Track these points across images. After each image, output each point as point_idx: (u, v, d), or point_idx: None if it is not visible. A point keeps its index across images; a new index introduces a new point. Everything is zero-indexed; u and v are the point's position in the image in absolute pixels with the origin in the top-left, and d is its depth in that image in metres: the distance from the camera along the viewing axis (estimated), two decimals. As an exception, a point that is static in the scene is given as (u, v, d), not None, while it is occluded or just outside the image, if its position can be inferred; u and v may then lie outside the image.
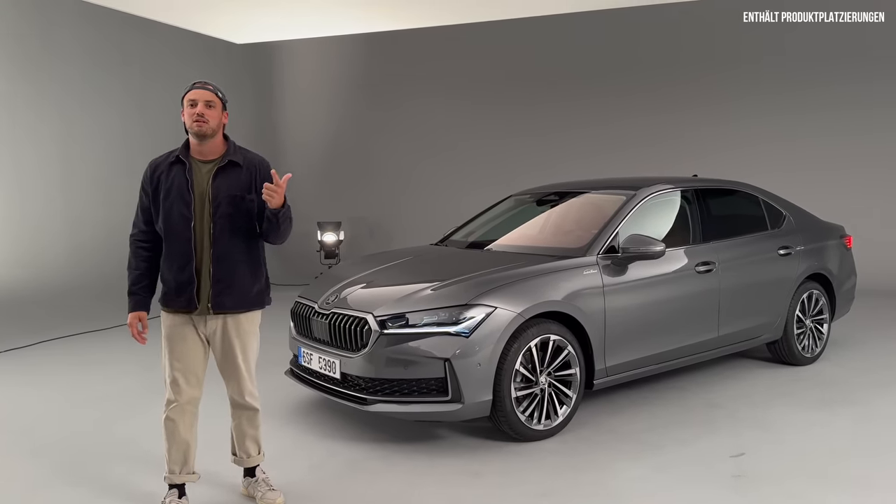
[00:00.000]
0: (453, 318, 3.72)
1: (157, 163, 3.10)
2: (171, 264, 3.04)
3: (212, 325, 3.08)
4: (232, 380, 3.15)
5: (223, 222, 3.00)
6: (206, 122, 2.95)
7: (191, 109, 2.96)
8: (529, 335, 3.84)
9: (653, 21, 10.07)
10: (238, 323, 3.09)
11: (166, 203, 3.02)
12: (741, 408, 4.48)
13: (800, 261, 5.42)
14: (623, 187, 4.97)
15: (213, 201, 3.00)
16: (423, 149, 11.39)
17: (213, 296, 3.01)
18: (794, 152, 9.47)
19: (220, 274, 3.01)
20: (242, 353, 3.12)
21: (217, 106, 3.00)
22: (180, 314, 3.06)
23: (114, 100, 9.43)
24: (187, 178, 3.01)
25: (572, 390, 4.04)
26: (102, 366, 5.97)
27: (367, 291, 4.10)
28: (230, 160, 3.05)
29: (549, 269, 4.10)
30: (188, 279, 3.00)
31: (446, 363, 3.64)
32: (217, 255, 3.00)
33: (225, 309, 3.04)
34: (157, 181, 3.05)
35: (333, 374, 3.96)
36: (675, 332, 4.60)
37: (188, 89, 3.01)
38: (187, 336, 3.07)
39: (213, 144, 3.04)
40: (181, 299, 3.02)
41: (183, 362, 3.06)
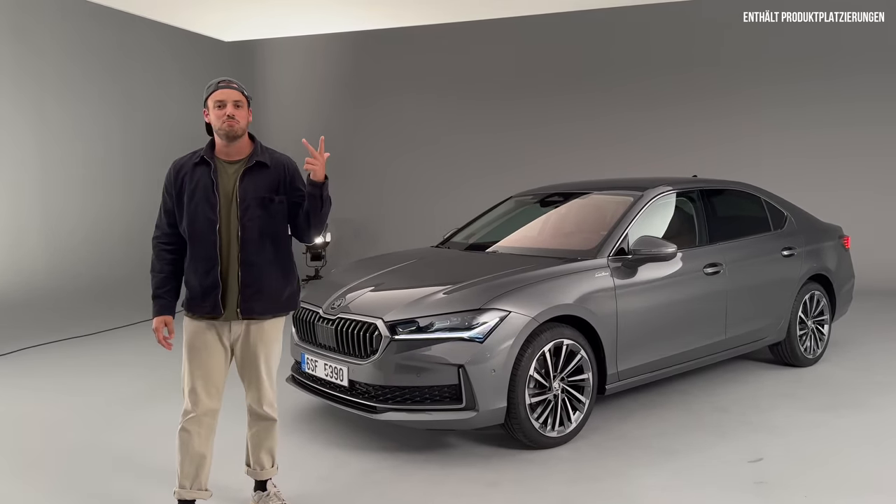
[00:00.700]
0: (466, 322, 3.62)
1: (180, 163, 2.98)
2: (195, 268, 2.92)
3: (236, 331, 2.97)
4: (252, 387, 3.05)
5: (251, 225, 2.90)
6: (236, 123, 2.86)
7: (219, 111, 2.86)
8: (543, 340, 3.75)
9: (645, 21, 10.05)
10: (262, 329, 2.99)
11: (191, 205, 2.90)
12: (748, 411, 4.44)
13: (802, 262, 5.40)
14: (628, 188, 4.90)
15: (240, 203, 2.90)
16: (410, 149, 11.27)
17: (242, 301, 2.91)
18: (789, 152, 9.48)
19: (248, 279, 2.91)
20: (266, 360, 3.02)
21: (244, 105, 2.90)
22: (204, 320, 2.94)
23: (94, 97, 9.15)
24: (213, 179, 2.90)
25: (585, 396, 3.96)
26: (103, 369, 5.79)
27: (375, 296, 3.98)
28: (258, 161, 2.95)
29: (560, 271, 4.02)
30: (213, 283, 2.89)
31: (460, 370, 3.54)
32: (245, 259, 2.90)
33: (254, 314, 2.94)
34: (182, 182, 2.93)
35: (341, 382, 3.84)
36: (685, 335, 4.54)
37: (213, 89, 2.90)
38: (210, 343, 2.95)
39: (240, 145, 2.94)
40: (206, 304, 2.91)
41: (204, 371, 2.94)
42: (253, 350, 2.99)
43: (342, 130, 11.62)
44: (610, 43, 10.25)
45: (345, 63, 11.58)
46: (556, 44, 10.49)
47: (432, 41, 11.07)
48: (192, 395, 2.93)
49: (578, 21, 10.38)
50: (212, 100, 2.89)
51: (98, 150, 9.13)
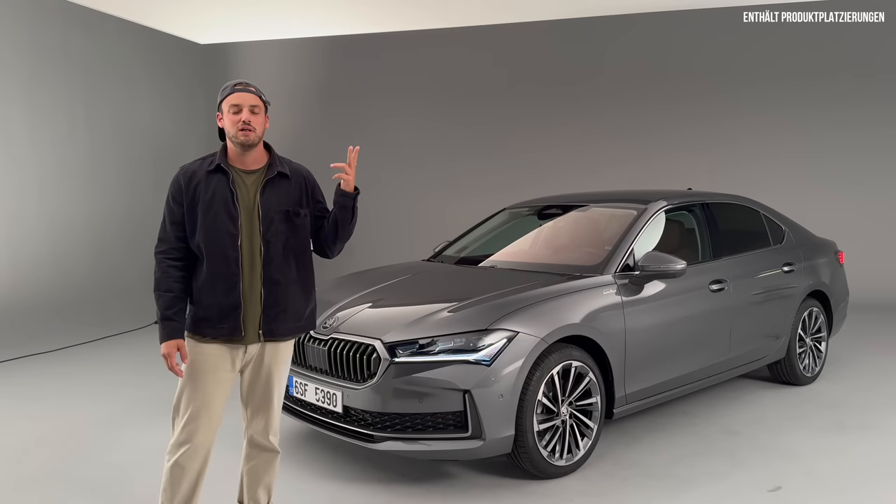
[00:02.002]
0: (471, 344, 3.36)
1: (191, 170, 2.69)
2: (213, 286, 2.63)
3: (251, 353, 2.72)
4: (260, 415, 2.79)
5: (276, 240, 2.67)
6: (252, 131, 2.62)
7: (233, 116, 2.61)
8: (551, 362, 3.51)
9: (635, 30, 9.95)
10: (277, 351, 2.76)
11: (207, 217, 2.62)
12: (759, 434, 4.25)
13: (802, 278, 5.26)
14: (628, 201, 4.71)
15: (262, 217, 2.65)
16: (390, 157, 10.99)
17: (265, 322, 2.66)
18: (779, 164, 9.42)
19: (272, 298, 2.67)
20: (279, 384, 2.80)
21: (261, 111, 2.66)
22: (216, 343, 2.66)
23: (59, 97, 8.62)
24: (232, 189, 2.63)
25: (593, 421, 3.72)
26: (70, 388, 5.37)
27: (371, 314, 3.70)
28: (279, 171, 2.71)
29: (567, 289, 3.78)
30: (235, 303, 2.62)
31: (466, 395, 3.27)
32: (269, 277, 2.66)
33: (276, 336, 2.71)
34: (195, 192, 2.65)
35: (334, 408, 3.54)
36: (692, 354, 4.35)
37: (228, 91, 2.65)
38: (219, 369, 2.67)
39: (256, 154, 2.70)
40: (224, 327, 2.63)
41: (207, 400, 2.65)
42: (266, 373, 2.76)
43: (320, 137, 11.29)
44: (599, 52, 10.12)
45: (325, 68, 11.25)
46: (542, 52, 10.33)
47: (411, 47, 10.83)
48: (189, 426, 2.63)
49: (566, 29, 10.24)
50: (226, 103, 2.64)
51: (61, 154, 8.62)
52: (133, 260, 9.13)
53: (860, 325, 7.26)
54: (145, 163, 9.67)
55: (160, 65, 10.18)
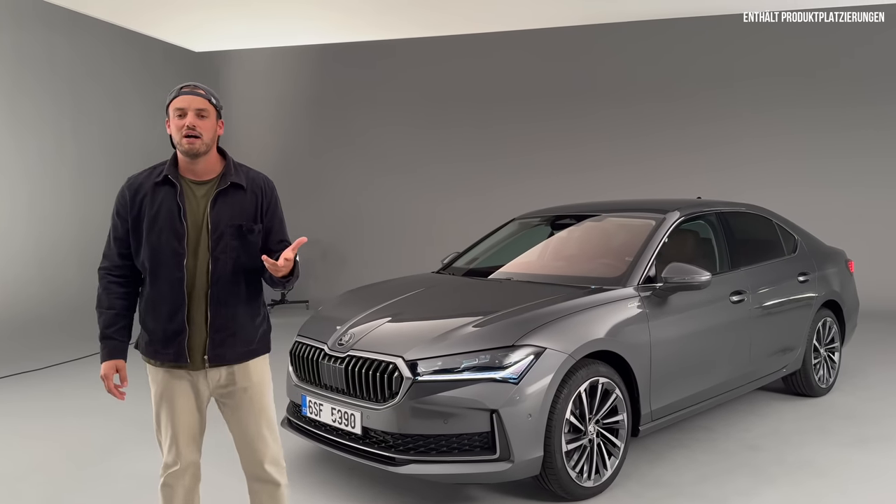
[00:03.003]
0: (497, 361, 3.21)
1: (137, 183, 2.48)
2: (156, 309, 2.45)
3: (213, 378, 2.51)
4: (246, 445, 2.57)
5: (225, 258, 2.44)
6: (197, 138, 2.38)
7: (179, 120, 2.39)
8: (579, 378, 3.37)
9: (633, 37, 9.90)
10: (247, 372, 2.55)
11: (152, 235, 2.42)
12: (782, 449, 4.14)
13: (816, 287, 5.18)
14: (644, 210, 4.60)
15: (212, 232, 2.43)
16: (382, 167, 10.84)
17: (211, 347, 2.45)
18: (783, 170, 9.36)
19: (219, 321, 2.45)
20: (261, 409, 2.57)
21: (211, 115, 2.42)
22: (167, 367, 2.49)
23: (44, 105, 8.30)
24: (179, 203, 2.42)
25: (619, 439, 3.59)
26: (49, 412, 5.15)
27: (390, 331, 3.54)
28: (232, 182, 2.48)
29: (592, 302, 3.65)
30: (178, 328, 2.42)
31: (493, 415, 3.13)
32: (216, 298, 2.44)
33: (224, 362, 2.49)
34: (140, 206, 2.44)
35: (352, 429, 3.38)
36: (715, 368, 4.24)
37: (174, 95, 2.42)
38: (180, 393, 2.50)
39: (207, 162, 2.47)
40: (168, 352, 2.45)
41: (180, 422, 2.50)
42: (241, 399, 2.55)
43: (313, 146, 11.12)
44: (592, 59, 10.05)
45: (319, 76, 11.07)
46: (539, 61, 10.24)
47: (404, 55, 10.70)
48: (172, 449, 2.51)
49: (557, 37, 10.17)
50: (172, 107, 2.43)
51: (47, 164, 8.35)
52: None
53: (867, 333, 7.20)
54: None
55: (151, 73, 9.87)
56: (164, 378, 2.50)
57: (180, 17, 9.16)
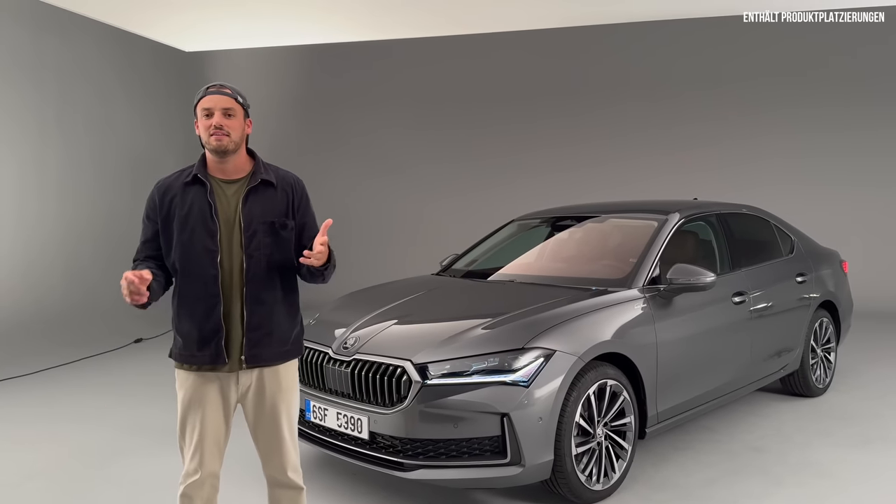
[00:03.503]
0: (507, 364, 3.18)
1: (166, 184, 2.49)
2: (191, 309, 2.43)
3: (244, 382, 2.49)
4: (272, 452, 2.54)
5: (259, 255, 2.43)
6: (226, 136, 2.40)
7: (206, 120, 2.40)
8: (588, 381, 3.34)
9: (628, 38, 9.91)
10: (277, 376, 2.52)
11: (184, 233, 2.41)
12: (786, 450, 4.14)
13: (814, 288, 5.20)
14: (644, 211, 4.59)
15: (245, 230, 2.42)
16: (373, 168, 10.77)
17: (247, 347, 2.43)
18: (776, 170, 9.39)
19: (255, 320, 2.43)
20: (287, 415, 2.54)
21: (238, 114, 2.44)
22: (202, 372, 2.45)
23: (33, 107, 8.04)
24: (210, 201, 2.41)
25: (627, 442, 3.57)
26: (47, 415, 5.03)
27: (396, 334, 3.49)
28: (263, 179, 2.48)
29: (599, 304, 3.63)
30: (215, 327, 2.40)
31: (504, 418, 3.09)
32: (251, 296, 2.43)
33: (261, 362, 2.46)
34: (170, 207, 2.44)
35: (359, 434, 3.32)
36: (718, 369, 4.23)
37: (201, 95, 2.43)
38: (210, 399, 2.46)
39: (236, 161, 2.47)
40: (205, 353, 2.41)
41: (206, 430, 2.45)
42: (271, 404, 2.52)
43: (301, 147, 11.02)
44: (589, 61, 10.03)
45: (308, 77, 10.97)
46: (530, 62, 10.22)
47: (398, 57, 10.64)
48: (195, 458, 2.46)
49: (551, 38, 10.17)
50: (199, 108, 2.44)
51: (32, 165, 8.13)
52: (109, 278, 8.67)
53: (857, 332, 7.25)
54: (122, 177, 9.17)
55: (140, 73, 9.68)
56: (194, 383, 2.46)
57: (172, 16, 9.03)
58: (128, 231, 9.07)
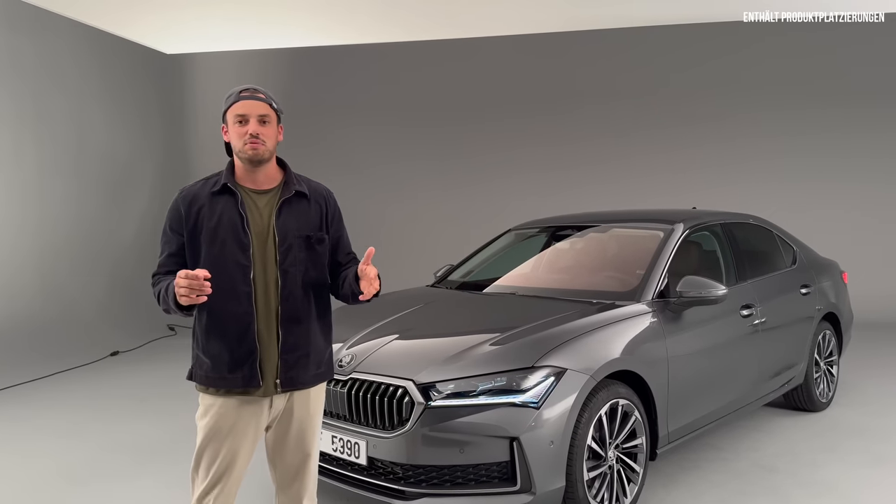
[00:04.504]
0: (515, 383, 2.98)
1: (192, 193, 2.28)
2: (222, 330, 2.23)
3: (278, 406, 2.31)
4: (292, 479, 2.38)
5: (294, 271, 2.27)
6: (262, 144, 2.22)
7: (240, 128, 2.22)
8: (599, 401, 3.15)
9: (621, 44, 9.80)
10: (308, 400, 2.36)
11: (213, 247, 2.22)
12: (796, 469, 3.99)
13: (817, 300, 5.07)
14: (648, 221, 4.44)
15: (279, 244, 2.24)
16: (355, 175, 10.53)
17: (283, 369, 2.25)
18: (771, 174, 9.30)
19: (291, 340, 2.27)
20: (313, 441, 2.40)
21: (272, 121, 2.27)
22: (231, 396, 2.24)
23: (5, 108, 7.58)
24: (241, 213, 2.22)
25: (638, 464, 3.38)
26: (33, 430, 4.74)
27: (395, 351, 3.28)
28: (297, 190, 2.32)
29: (609, 319, 3.45)
30: (249, 348, 2.22)
31: (514, 443, 2.89)
32: (287, 315, 2.26)
33: (297, 385, 2.30)
34: (197, 218, 2.24)
35: (356, 460, 3.10)
36: (727, 385, 4.07)
37: (233, 100, 2.25)
38: (241, 427, 2.26)
39: (268, 170, 2.31)
40: (237, 376, 2.22)
41: (229, 462, 2.25)
42: (299, 428, 2.35)
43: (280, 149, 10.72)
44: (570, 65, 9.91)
45: (289, 80, 10.70)
46: (525, 65, 10.06)
47: (380, 60, 10.43)
48: (211, 492, 2.25)
49: (536, 43, 10.03)
50: (231, 114, 2.25)
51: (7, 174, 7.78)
52: (85, 289, 8.35)
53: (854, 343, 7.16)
54: (99, 184, 8.80)
55: (118, 75, 9.31)
56: (222, 409, 2.24)
57: (150, 17, 8.75)
58: (106, 240, 8.76)
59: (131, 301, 8.62)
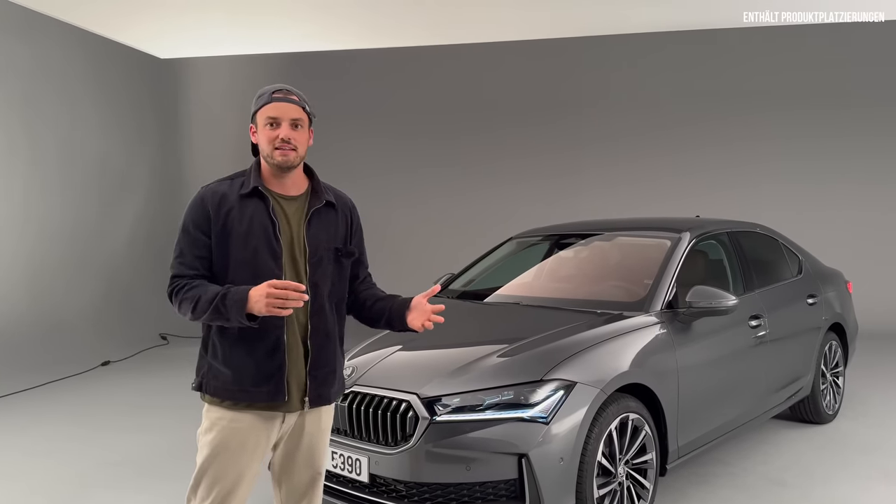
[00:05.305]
0: (523, 397, 2.87)
1: (220, 193, 2.14)
2: (249, 341, 2.10)
3: (289, 423, 2.20)
4: (302, 497, 2.29)
5: (323, 283, 2.17)
6: (293, 150, 2.11)
7: (270, 131, 2.10)
8: (609, 415, 3.05)
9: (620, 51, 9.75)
10: (320, 418, 2.26)
11: (246, 252, 2.09)
12: (807, 485, 3.89)
13: (824, 310, 4.99)
14: (653, 229, 4.35)
15: (310, 256, 2.14)
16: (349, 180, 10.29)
17: (313, 386, 2.15)
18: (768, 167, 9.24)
19: (322, 356, 2.18)
20: (322, 458, 2.31)
21: (305, 125, 2.16)
22: (250, 411, 2.12)
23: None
24: (273, 219, 2.10)
25: (648, 480, 3.28)
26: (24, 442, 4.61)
27: (397, 363, 3.17)
28: (327, 200, 2.22)
29: (618, 330, 3.35)
30: (279, 363, 2.10)
31: (523, 459, 2.78)
32: (317, 330, 2.16)
33: (323, 402, 2.21)
34: (226, 219, 2.10)
35: (357, 476, 2.98)
36: (738, 397, 3.98)
37: (265, 101, 2.13)
38: (252, 443, 2.13)
39: (296, 175, 2.20)
40: (262, 390, 2.09)
41: (235, 481, 2.12)
42: (309, 446, 2.25)
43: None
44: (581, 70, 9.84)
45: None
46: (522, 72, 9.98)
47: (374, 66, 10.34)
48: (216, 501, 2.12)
49: (535, 49, 9.97)
50: (262, 115, 2.13)
51: None
52: (75, 296, 8.18)
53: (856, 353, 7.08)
54: (90, 188, 8.67)
55: (111, 79, 9.18)
56: (232, 424, 2.11)
57: (145, 21, 8.63)
58: (98, 246, 8.60)
59: (123, 309, 8.46)
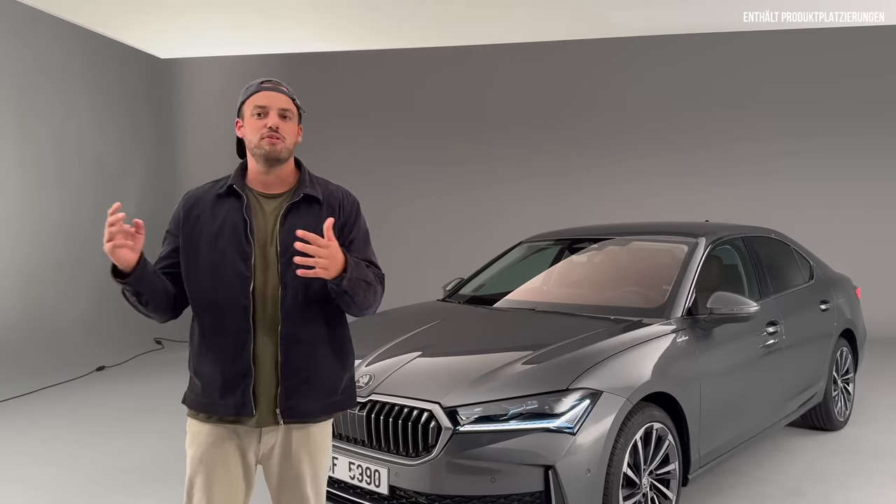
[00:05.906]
0: (548, 407, 2.79)
1: (196, 196, 2.08)
2: (216, 348, 2.00)
3: (268, 441, 2.05)
4: None
5: (297, 284, 1.99)
6: (280, 140, 2.01)
7: (257, 121, 2.01)
8: (634, 425, 2.97)
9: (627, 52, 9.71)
10: (309, 437, 2.08)
11: (214, 253, 2.00)
12: (823, 493, 3.84)
13: (836, 316, 4.95)
14: (670, 233, 4.28)
15: (281, 255, 1.99)
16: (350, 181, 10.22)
17: (284, 397, 1.99)
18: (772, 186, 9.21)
19: (293, 363, 2.00)
20: (314, 479, 2.11)
21: (293, 118, 2.07)
22: (223, 424, 2.01)
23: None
24: (246, 218, 1.99)
25: (671, 490, 3.20)
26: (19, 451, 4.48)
27: (417, 371, 3.08)
28: (306, 194, 2.07)
29: (640, 338, 3.27)
30: (243, 370, 1.97)
31: (549, 471, 2.69)
32: (287, 336, 1.99)
33: (300, 416, 2.02)
34: (196, 221, 2.03)
35: (376, 488, 2.89)
36: (757, 404, 3.92)
37: (252, 90, 2.04)
38: (225, 459, 2.02)
39: (282, 172, 2.08)
40: (228, 402, 1.98)
41: (221, 495, 2.01)
42: (296, 468, 2.08)
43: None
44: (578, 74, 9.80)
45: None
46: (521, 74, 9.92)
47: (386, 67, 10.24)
48: None
49: (530, 52, 9.92)
50: (249, 105, 2.04)
51: None
52: (70, 299, 8.02)
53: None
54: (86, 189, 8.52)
55: (110, 78, 9.01)
56: (208, 438, 2.02)
57: (145, 21, 8.50)
58: (92, 249, 8.39)
59: (118, 314, 8.29)
